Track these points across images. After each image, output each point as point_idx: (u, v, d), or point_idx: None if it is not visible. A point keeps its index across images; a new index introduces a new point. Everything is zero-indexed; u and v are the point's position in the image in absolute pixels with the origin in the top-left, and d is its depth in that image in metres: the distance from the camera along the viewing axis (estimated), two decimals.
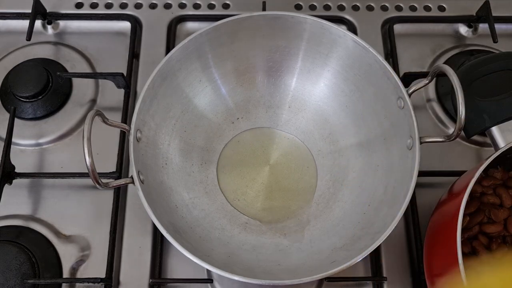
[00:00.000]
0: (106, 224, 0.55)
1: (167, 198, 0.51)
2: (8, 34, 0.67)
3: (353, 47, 0.53)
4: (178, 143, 0.55)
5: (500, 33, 0.65)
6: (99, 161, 0.52)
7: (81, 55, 0.66)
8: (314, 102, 0.59)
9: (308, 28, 0.54)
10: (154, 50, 0.65)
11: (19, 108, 0.60)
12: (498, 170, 0.49)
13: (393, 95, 0.51)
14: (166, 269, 0.54)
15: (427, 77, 0.49)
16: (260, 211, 0.55)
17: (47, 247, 0.54)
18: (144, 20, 0.68)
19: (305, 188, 0.56)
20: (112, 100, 0.63)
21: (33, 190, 0.58)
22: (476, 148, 0.61)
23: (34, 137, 0.60)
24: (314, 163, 0.57)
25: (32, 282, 0.51)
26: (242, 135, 0.59)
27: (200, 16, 0.68)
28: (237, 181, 0.56)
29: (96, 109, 0.43)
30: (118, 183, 0.45)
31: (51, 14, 0.67)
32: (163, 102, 0.53)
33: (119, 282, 0.53)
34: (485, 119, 0.49)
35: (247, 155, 0.58)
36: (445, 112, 0.62)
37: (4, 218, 0.56)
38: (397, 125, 0.51)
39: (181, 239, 0.45)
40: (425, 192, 0.57)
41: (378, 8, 0.69)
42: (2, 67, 0.64)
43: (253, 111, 0.60)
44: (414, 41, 0.67)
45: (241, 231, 0.53)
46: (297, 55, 0.57)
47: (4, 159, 0.54)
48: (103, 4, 0.69)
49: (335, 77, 0.57)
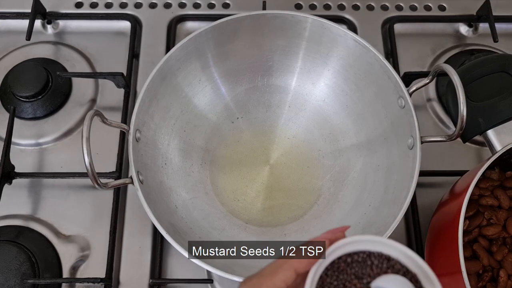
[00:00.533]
0: (106, 224, 0.55)
1: (167, 198, 0.51)
2: (8, 33, 0.67)
3: (354, 46, 0.53)
4: (178, 143, 0.55)
5: (501, 33, 0.65)
6: (99, 161, 0.52)
7: (81, 54, 0.65)
8: (314, 102, 0.59)
9: (308, 27, 0.54)
10: (154, 49, 0.65)
11: (19, 108, 0.60)
12: (495, 172, 0.49)
13: (394, 94, 0.51)
14: (166, 269, 0.54)
15: (428, 76, 0.49)
16: (260, 211, 0.54)
17: (47, 247, 0.54)
18: (144, 19, 0.68)
19: (306, 188, 0.56)
20: (112, 99, 0.62)
21: (33, 190, 0.57)
22: (477, 148, 0.60)
23: (34, 137, 0.60)
24: (315, 163, 0.57)
25: (32, 282, 0.51)
26: (242, 135, 0.59)
27: (200, 15, 0.68)
28: (237, 181, 0.56)
29: (95, 109, 0.43)
30: (117, 183, 0.45)
31: (51, 14, 0.67)
32: (163, 102, 0.53)
33: (119, 282, 0.53)
34: (481, 122, 0.49)
35: (247, 155, 0.57)
36: (445, 112, 0.62)
37: (4, 218, 0.56)
38: (398, 124, 0.51)
39: (181, 240, 0.45)
40: (425, 192, 0.57)
41: (378, 8, 0.69)
42: (2, 67, 0.64)
43: (253, 111, 0.60)
44: (414, 40, 0.67)
45: (241, 231, 0.53)
46: (297, 54, 0.57)
47: (4, 159, 0.54)
48: (103, 3, 0.69)
49: (335, 76, 0.57)
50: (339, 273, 0.28)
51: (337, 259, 0.29)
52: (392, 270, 0.28)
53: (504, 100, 0.49)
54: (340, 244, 0.29)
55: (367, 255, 0.29)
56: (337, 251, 0.29)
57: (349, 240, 0.29)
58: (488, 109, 0.49)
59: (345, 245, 0.29)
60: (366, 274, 0.28)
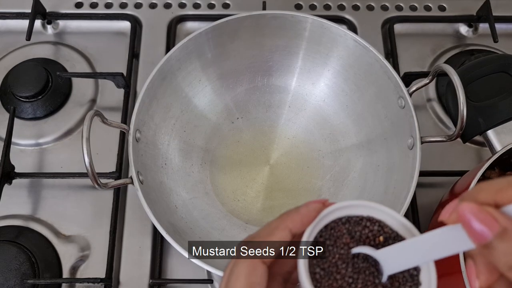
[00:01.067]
0: (106, 224, 0.55)
1: (167, 198, 0.51)
2: (8, 34, 0.67)
3: (354, 47, 0.53)
4: (178, 143, 0.55)
5: (501, 33, 0.65)
6: (99, 161, 0.52)
7: (81, 55, 0.65)
8: (314, 102, 0.59)
9: (308, 28, 0.54)
10: (154, 50, 0.65)
11: (19, 108, 0.60)
12: (494, 172, 0.49)
13: (394, 94, 0.51)
14: (166, 269, 0.54)
15: (428, 76, 0.49)
16: (260, 211, 0.54)
17: (47, 247, 0.54)
18: (144, 19, 0.68)
19: (306, 188, 0.56)
20: (112, 100, 0.62)
21: (33, 190, 0.57)
22: (477, 148, 0.60)
23: (34, 137, 0.60)
24: (315, 163, 0.57)
25: (32, 282, 0.51)
26: (242, 135, 0.59)
27: (200, 15, 0.68)
28: (237, 181, 0.56)
29: (95, 109, 0.43)
30: (117, 183, 0.45)
31: (51, 14, 0.67)
32: (163, 102, 0.53)
33: (119, 282, 0.53)
34: (480, 122, 0.49)
35: (247, 155, 0.57)
36: (445, 112, 0.62)
37: (4, 218, 0.55)
38: (398, 124, 0.51)
39: (181, 240, 0.45)
40: (425, 192, 0.57)
41: (378, 8, 0.69)
42: (2, 67, 0.64)
43: (253, 111, 0.60)
44: (414, 40, 0.67)
45: (241, 231, 0.53)
46: (297, 54, 0.57)
47: (4, 159, 0.54)
48: (103, 3, 0.69)
49: (335, 76, 0.57)
50: (334, 233, 0.29)
51: (331, 222, 0.30)
52: (383, 234, 0.29)
53: (504, 100, 0.49)
54: (334, 208, 0.29)
55: (360, 219, 0.30)
56: (330, 215, 0.30)
57: (344, 204, 0.30)
58: (488, 109, 0.49)
59: (339, 209, 0.30)
60: (359, 236, 0.29)
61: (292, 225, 0.29)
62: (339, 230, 0.29)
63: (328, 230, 0.29)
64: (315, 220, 0.29)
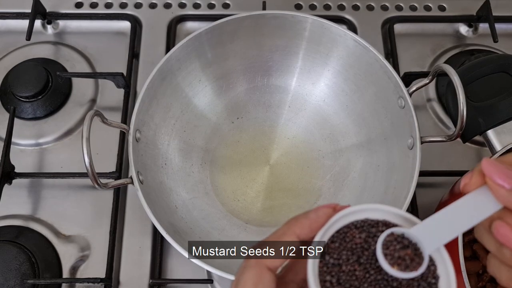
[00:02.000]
0: (106, 224, 0.55)
1: (167, 198, 0.51)
2: (8, 34, 0.67)
3: (354, 47, 0.53)
4: (178, 143, 0.55)
5: (501, 33, 0.65)
6: (99, 161, 0.52)
7: (81, 55, 0.65)
8: (314, 102, 0.59)
9: (308, 28, 0.54)
10: (154, 49, 0.65)
11: (19, 108, 0.60)
12: None
13: (394, 94, 0.51)
14: (166, 269, 0.54)
15: (428, 76, 0.49)
16: (260, 211, 0.54)
17: (47, 247, 0.54)
18: (144, 19, 0.68)
19: (306, 188, 0.56)
20: (112, 100, 0.62)
21: (33, 190, 0.57)
22: (477, 148, 0.60)
23: (34, 137, 0.60)
24: (315, 163, 0.57)
25: (32, 282, 0.51)
26: (242, 135, 0.59)
27: (200, 15, 0.68)
28: (237, 181, 0.56)
29: (95, 109, 0.43)
30: (117, 183, 0.45)
31: (51, 14, 0.67)
32: (163, 102, 0.53)
33: (119, 282, 0.53)
34: (480, 122, 0.49)
35: (247, 155, 0.57)
36: (445, 112, 0.62)
37: (4, 218, 0.55)
38: (398, 124, 0.51)
39: (181, 240, 0.45)
40: (425, 192, 0.57)
41: (378, 8, 0.69)
42: (2, 67, 0.64)
43: (253, 111, 0.60)
44: (414, 40, 0.67)
45: (241, 231, 0.53)
46: (297, 54, 0.57)
47: (4, 159, 0.54)
48: (103, 3, 0.69)
49: (335, 76, 0.57)
50: (347, 238, 0.28)
51: (344, 227, 0.28)
52: None
53: (504, 100, 0.49)
54: (346, 213, 0.28)
55: (376, 223, 0.28)
56: (342, 219, 0.28)
57: (357, 208, 0.28)
58: (488, 109, 0.49)
59: (352, 213, 0.28)
60: (371, 241, 0.28)
61: (300, 231, 0.28)
62: (352, 235, 0.28)
63: (340, 235, 0.28)
64: (325, 225, 0.28)
